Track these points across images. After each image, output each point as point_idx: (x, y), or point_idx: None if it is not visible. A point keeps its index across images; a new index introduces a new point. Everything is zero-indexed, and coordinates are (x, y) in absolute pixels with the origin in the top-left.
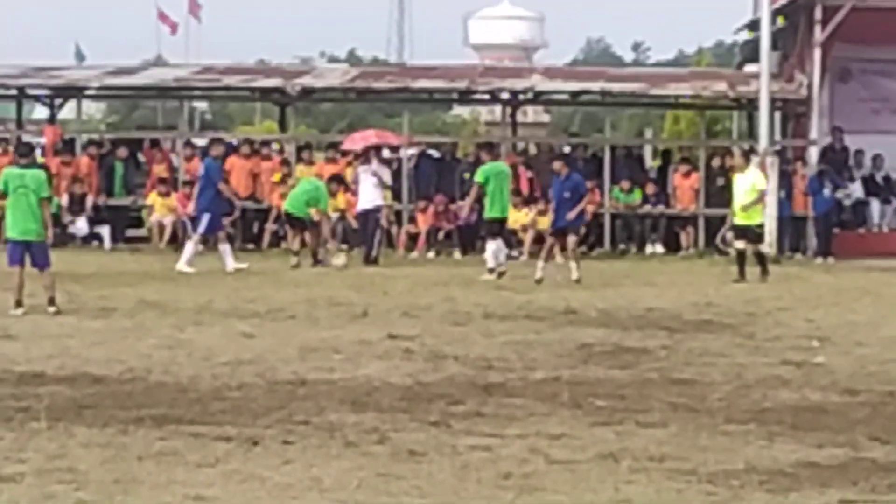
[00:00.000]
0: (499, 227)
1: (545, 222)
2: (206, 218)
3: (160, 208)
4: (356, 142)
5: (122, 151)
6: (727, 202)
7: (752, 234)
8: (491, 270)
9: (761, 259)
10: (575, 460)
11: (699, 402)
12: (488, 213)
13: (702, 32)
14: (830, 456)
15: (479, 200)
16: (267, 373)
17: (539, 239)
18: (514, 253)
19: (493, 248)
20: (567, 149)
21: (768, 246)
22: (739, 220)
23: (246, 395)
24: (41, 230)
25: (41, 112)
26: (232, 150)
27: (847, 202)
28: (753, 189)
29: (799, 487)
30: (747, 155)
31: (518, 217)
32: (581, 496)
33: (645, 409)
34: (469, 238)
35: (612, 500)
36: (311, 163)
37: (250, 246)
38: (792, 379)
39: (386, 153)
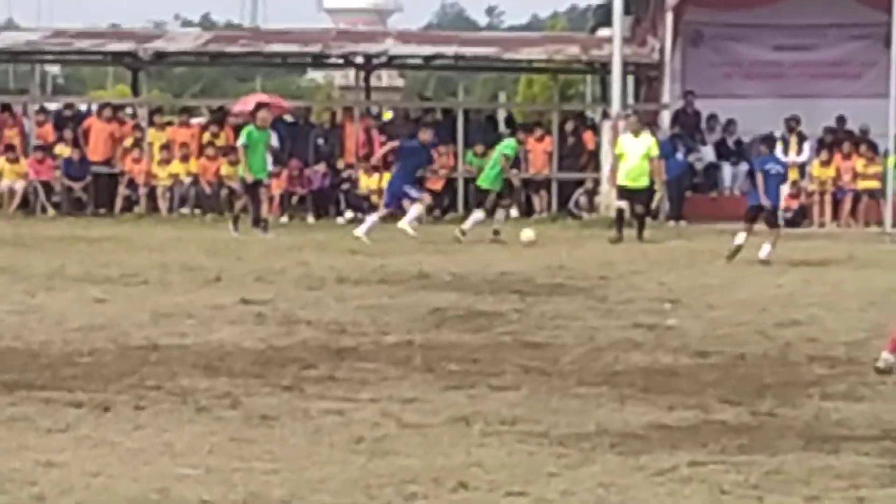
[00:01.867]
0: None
1: None
2: None
3: (9, 174)
4: (248, 103)
5: None
6: (580, 166)
7: (640, 197)
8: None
9: (641, 221)
10: (427, 424)
11: (551, 365)
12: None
13: None
14: (681, 418)
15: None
16: (119, 338)
17: None
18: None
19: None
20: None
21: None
22: (628, 182)
23: (97, 361)
24: None
25: None
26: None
27: (699, 166)
28: (649, 153)
29: (649, 449)
30: (641, 118)
31: (370, 182)
32: (433, 460)
33: (497, 373)
34: (322, 202)
35: (464, 464)
36: (163, 127)
37: (103, 210)
38: (644, 342)
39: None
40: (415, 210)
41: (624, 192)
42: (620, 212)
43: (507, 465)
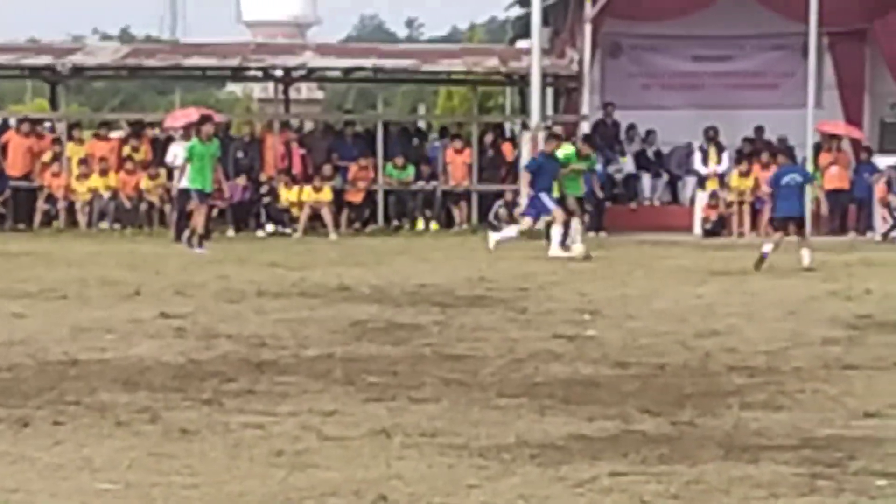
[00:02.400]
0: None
1: (323, 198)
2: None
3: None
4: (178, 118)
5: None
6: (500, 178)
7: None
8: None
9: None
10: (347, 437)
11: (471, 376)
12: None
13: (475, 9)
14: (601, 429)
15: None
16: (38, 353)
17: (315, 216)
18: (288, 230)
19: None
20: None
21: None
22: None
23: (16, 376)
24: None
25: None
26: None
27: (618, 176)
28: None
29: (570, 460)
30: (559, 135)
31: (290, 195)
32: (353, 472)
33: (417, 385)
34: (242, 216)
35: (384, 476)
36: (81, 141)
37: (21, 225)
38: (564, 353)
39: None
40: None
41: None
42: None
43: (427, 478)
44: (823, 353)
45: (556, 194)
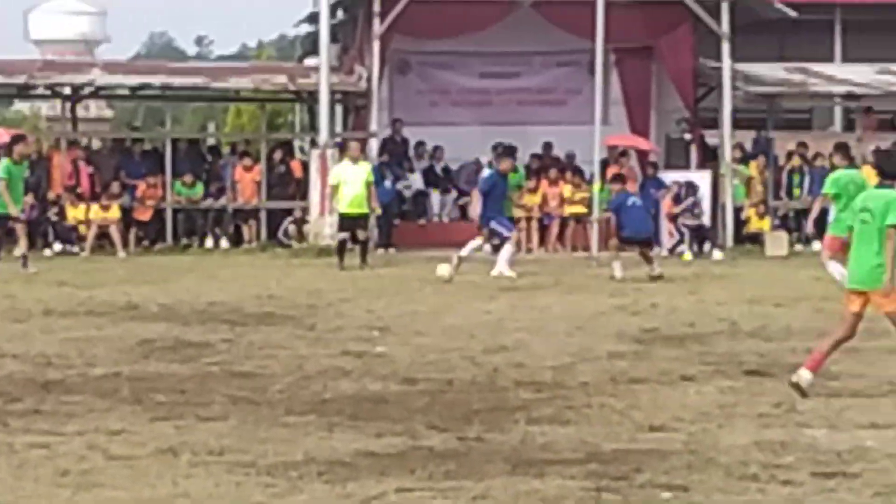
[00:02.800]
0: None
1: (111, 216)
2: None
3: None
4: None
5: None
6: (289, 195)
7: (363, 223)
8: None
9: (364, 247)
10: (134, 456)
11: (260, 394)
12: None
13: (264, 26)
14: (389, 445)
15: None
16: None
17: (103, 234)
18: (76, 249)
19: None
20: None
21: (330, 238)
22: (350, 210)
23: None
24: None
25: None
26: None
27: (408, 193)
28: (368, 179)
29: (357, 477)
30: (360, 145)
31: (77, 213)
32: (140, 491)
33: (205, 403)
34: (30, 234)
35: (171, 495)
36: None
37: None
38: (352, 369)
39: None
40: (507, 251)
41: (347, 220)
42: (343, 242)
43: (214, 496)
44: (610, 367)
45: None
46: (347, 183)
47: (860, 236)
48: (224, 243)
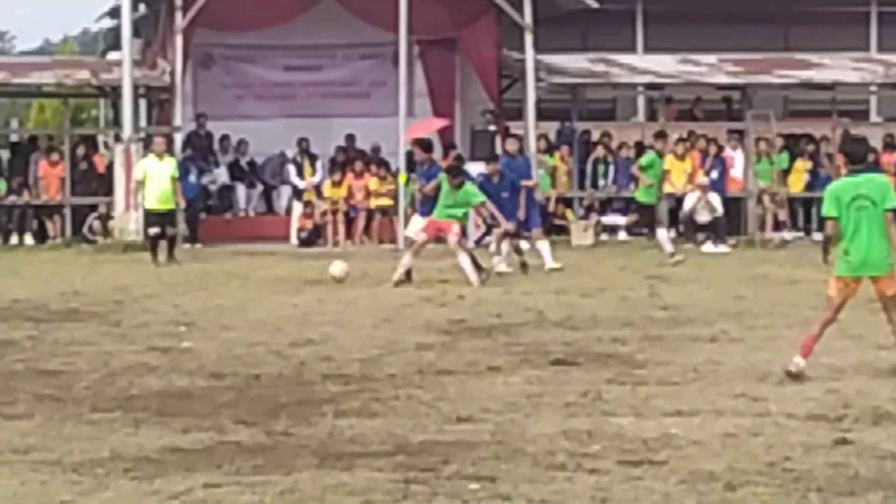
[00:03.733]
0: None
1: None
2: None
3: None
4: None
5: None
6: (93, 190)
7: (170, 218)
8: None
9: (173, 242)
10: None
11: (65, 391)
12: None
13: (68, 21)
14: (196, 440)
15: None
16: None
17: None
18: None
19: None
20: None
21: (136, 234)
22: (158, 205)
23: None
24: None
25: None
26: None
27: (213, 187)
28: (174, 174)
29: (164, 473)
30: (166, 140)
31: None
32: None
33: (10, 401)
34: None
35: None
36: None
37: None
38: (159, 365)
39: None
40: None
41: (154, 216)
42: (155, 238)
43: (19, 495)
44: (417, 358)
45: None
46: (153, 178)
47: (868, 223)
48: (28, 240)
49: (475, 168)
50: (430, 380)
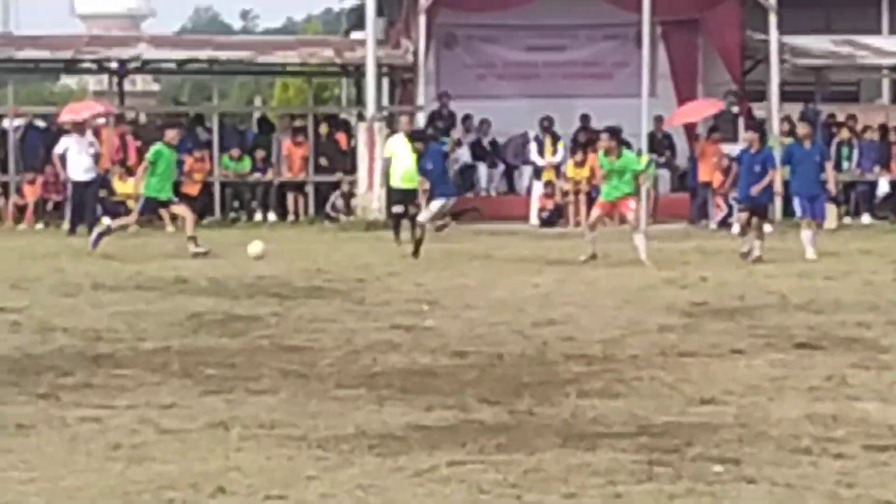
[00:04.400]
0: None
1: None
2: None
3: None
4: (78, 112)
5: None
6: (336, 168)
7: (414, 197)
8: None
9: (415, 222)
10: (185, 429)
11: (309, 368)
12: None
13: (310, 0)
14: (439, 418)
15: None
16: None
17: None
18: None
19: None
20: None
21: (378, 212)
22: (403, 184)
23: None
24: None
25: None
26: None
27: (455, 167)
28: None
29: (408, 450)
30: (413, 119)
31: (125, 187)
32: (191, 465)
33: (255, 377)
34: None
35: (223, 468)
36: None
37: None
38: (402, 343)
39: None
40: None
41: (398, 194)
42: (398, 216)
43: (265, 469)
44: (660, 340)
45: None
46: (399, 157)
47: None
48: (271, 217)
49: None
50: (673, 361)
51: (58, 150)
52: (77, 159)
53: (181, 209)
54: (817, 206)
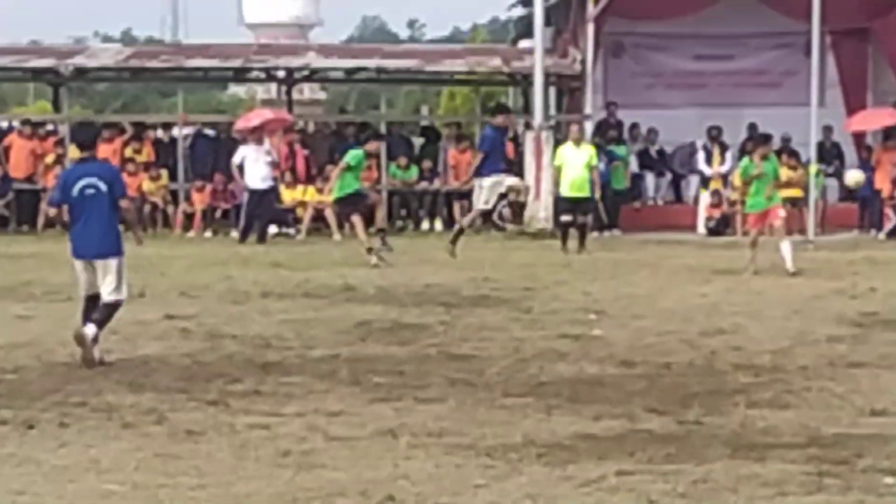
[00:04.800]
0: None
1: (326, 198)
2: None
3: None
4: (250, 120)
5: None
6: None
7: (584, 206)
8: None
9: (583, 231)
10: (354, 437)
11: (477, 376)
12: None
13: (476, 9)
14: (607, 428)
15: None
16: (43, 355)
17: (318, 217)
18: (292, 231)
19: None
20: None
21: (545, 221)
22: (572, 193)
23: (21, 378)
24: None
25: None
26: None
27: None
28: (590, 162)
29: (576, 459)
30: (582, 128)
31: (293, 195)
32: (360, 473)
33: (423, 385)
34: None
35: (392, 476)
36: None
37: (25, 227)
38: (569, 352)
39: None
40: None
41: (567, 203)
42: (566, 225)
43: (434, 478)
44: (829, 351)
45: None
46: (569, 166)
47: None
48: (438, 225)
49: None
50: (842, 372)
51: (235, 159)
52: (254, 168)
53: (357, 218)
54: None
